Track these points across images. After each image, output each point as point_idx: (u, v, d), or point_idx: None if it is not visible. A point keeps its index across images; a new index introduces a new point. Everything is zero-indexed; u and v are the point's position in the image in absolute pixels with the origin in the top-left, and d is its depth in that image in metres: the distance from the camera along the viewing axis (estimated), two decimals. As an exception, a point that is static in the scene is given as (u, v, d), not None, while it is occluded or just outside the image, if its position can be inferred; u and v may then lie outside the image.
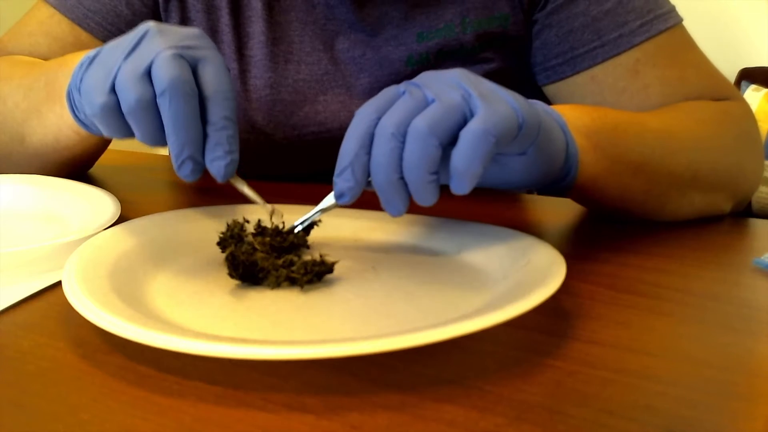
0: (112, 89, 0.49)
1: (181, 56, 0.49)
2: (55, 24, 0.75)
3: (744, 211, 0.68)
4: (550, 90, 0.73)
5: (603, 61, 0.68)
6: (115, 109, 0.50)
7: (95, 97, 0.50)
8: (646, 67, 0.68)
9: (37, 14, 0.77)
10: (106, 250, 0.48)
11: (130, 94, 0.48)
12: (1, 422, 0.34)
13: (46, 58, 0.75)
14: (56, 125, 0.64)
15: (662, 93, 0.67)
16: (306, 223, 0.51)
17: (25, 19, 0.78)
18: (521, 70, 0.74)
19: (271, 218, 0.52)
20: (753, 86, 2.36)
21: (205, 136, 0.49)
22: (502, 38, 0.72)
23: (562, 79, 0.71)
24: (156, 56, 0.48)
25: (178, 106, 0.47)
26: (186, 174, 0.49)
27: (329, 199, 0.49)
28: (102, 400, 0.36)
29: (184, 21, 0.75)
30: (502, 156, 0.47)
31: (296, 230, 0.51)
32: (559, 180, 0.53)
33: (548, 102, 0.73)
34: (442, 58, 0.72)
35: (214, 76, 0.49)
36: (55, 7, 0.75)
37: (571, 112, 0.55)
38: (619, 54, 0.68)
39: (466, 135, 0.42)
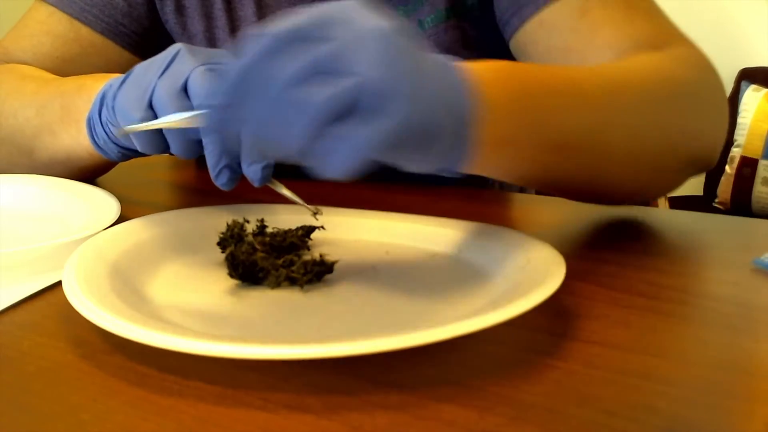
0: (150, 105, 0.51)
1: (214, 71, 0.50)
2: (55, 22, 0.76)
3: (744, 211, 0.68)
4: (512, 47, 0.71)
5: (545, 5, 0.66)
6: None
7: (133, 114, 0.52)
8: (595, 8, 0.65)
9: (36, 14, 0.77)
10: (106, 250, 0.48)
11: (169, 110, 0.50)
12: (1, 422, 0.34)
13: (49, 57, 0.75)
14: (70, 146, 0.65)
15: (611, 34, 0.64)
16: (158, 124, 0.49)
17: (24, 21, 0.79)
18: (496, 36, 0.73)
19: (315, 218, 0.53)
20: (753, 86, 2.36)
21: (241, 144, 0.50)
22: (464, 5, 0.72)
23: (516, 31, 0.69)
24: (191, 72, 0.50)
25: None
26: (223, 182, 0.51)
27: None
28: (102, 400, 0.36)
29: (179, 8, 0.77)
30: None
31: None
32: (444, 168, 0.44)
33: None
34: (422, 29, 0.73)
35: None
36: (53, 5, 0.76)
37: (494, 87, 0.44)
38: None
39: (355, 139, 0.37)
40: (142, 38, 0.78)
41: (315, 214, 0.53)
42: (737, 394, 0.36)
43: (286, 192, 0.53)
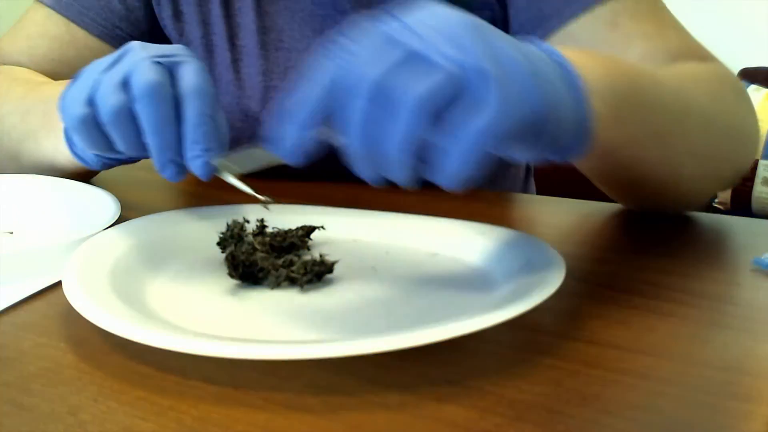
0: (90, 101, 0.49)
1: (159, 63, 0.49)
2: (52, 24, 0.75)
3: (744, 211, 0.67)
4: None
5: (572, 17, 0.66)
6: (92, 120, 0.49)
7: (73, 110, 0.50)
8: (624, 18, 0.65)
9: (34, 16, 0.77)
10: (106, 250, 0.48)
11: (106, 103, 0.48)
12: (1, 422, 0.34)
13: (45, 60, 0.75)
14: (52, 154, 0.64)
15: (643, 47, 0.64)
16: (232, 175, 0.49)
17: (22, 22, 0.78)
18: None
19: (267, 208, 0.52)
20: (753, 86, 2.36)
21: (183, 136, 0.49)
22: (477, 9, 0.71)
23: None
24: (134, 66, 0.48)
25: (153, 108, 0.47)
26: (170, 176, 0.49)
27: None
28: (102, 400, 0.36)
29: (177, 14, 0.76)
30: None
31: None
32: (566, 153, 0.45)
33: None
34: None
35: (190, 76, 0.49)
36: (50, 7, 0.75)
37: (592, 68, 0.45)
38: (589, 9, 0.65)
39: (467, 133, 0.35)
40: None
41: (265, 204, 0.50)
42: (737, 394, 0.36)
43: (234, 181, 0.50)
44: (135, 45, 0.51)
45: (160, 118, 0.48)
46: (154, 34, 0.78)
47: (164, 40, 0.79)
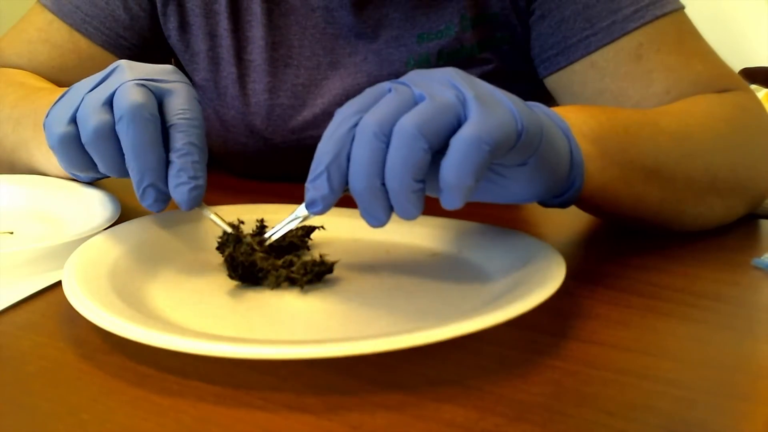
0: (73, 120, 0.49)
1: (145, 86, 0.48)
2: (55, 31, 0.74)
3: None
4: (550, 81, 0.71)
5: (596, 49, 0.66)
6: (73, 140, 0.49)
7: (55, 129, 0.49)
8: (649, 51, 0.65)
9: (36, 20, 0.76)
10: (106, 250, 0.48)
11: (88, 123, 0.47)
12: (1, 422, 0.34)
13: (45, 66, 0.74)
14: (44, 164, 0.64)
15: (667, 78, 0.65)
16: (275, 237, 0.48)
17: (23, 25, 0.77)
18: (521, 69, 0.74)
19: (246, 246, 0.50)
20: (753, 86, 2.36)
21: (170, 164, 0.48)
22: (499, 28, 0.71)
23: (559, 69, 0.69)
24: (119, 86, 0.48)
25: (136, 131, 0.46)
26: (149, 203, 0.48)
27: (300, 210, 0.46)
28: (102, 400, 0.36)
29: (183, 25, 0.74)
30: (500, 167, 0.44)
31: (266, 243, 0.48)
32: (563, 191, 0.49)
33: (550, 99, 0.72)
34: (442, 60, 0.72)
35: (180, 105, 0.49)
36: (53, 13, 0.74)
37: (576, 115, 0.51)
38: (614, 40, 0.65)
39: (458, 143, 0.38)
40: (143, 51, 0.75)
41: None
42: (737, 394, 0.36)
43: (214, 218, 0.50)
44: (122, 64, 0.51)
45: (142, 141, 0.47)
46: (158, 44, 0.76)
47: (169, 51, 0.77)
